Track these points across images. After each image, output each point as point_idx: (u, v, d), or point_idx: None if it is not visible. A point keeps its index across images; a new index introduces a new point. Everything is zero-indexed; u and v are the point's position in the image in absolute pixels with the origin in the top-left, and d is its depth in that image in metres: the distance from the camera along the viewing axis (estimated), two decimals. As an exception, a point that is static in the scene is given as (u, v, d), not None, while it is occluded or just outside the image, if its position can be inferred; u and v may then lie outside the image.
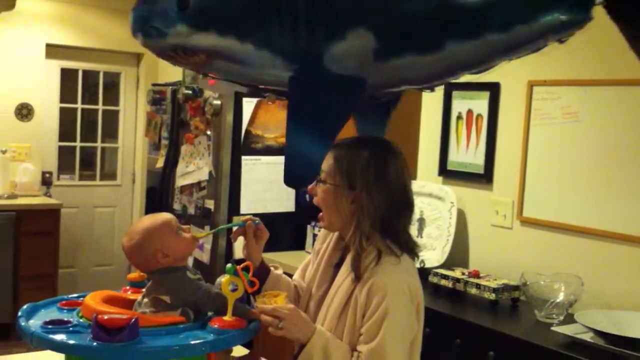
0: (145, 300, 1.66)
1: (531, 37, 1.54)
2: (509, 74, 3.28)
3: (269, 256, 3.71)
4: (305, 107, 1.61)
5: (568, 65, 3.06)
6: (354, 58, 1.55)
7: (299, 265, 3.51)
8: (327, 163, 1.76)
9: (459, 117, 3.52)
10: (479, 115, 3.42)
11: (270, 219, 2.27)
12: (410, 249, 1.77)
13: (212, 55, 1.61)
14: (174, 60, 1.68)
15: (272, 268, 1.95)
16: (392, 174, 1.74)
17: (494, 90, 3.34)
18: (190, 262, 2.37)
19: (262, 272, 1.90)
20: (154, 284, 1.67)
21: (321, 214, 1.82)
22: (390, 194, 1.72)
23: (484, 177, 3.37)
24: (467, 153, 3.47)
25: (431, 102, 3.71)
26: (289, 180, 1.71)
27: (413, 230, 3.52)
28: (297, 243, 3.89)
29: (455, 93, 3.53)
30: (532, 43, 1.57)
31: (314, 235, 3.81)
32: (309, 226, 3.88)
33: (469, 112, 3.47)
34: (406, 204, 1.78)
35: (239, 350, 1.86)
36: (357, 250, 1.72)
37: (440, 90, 3.60)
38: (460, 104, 3.51)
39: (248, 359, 1.84)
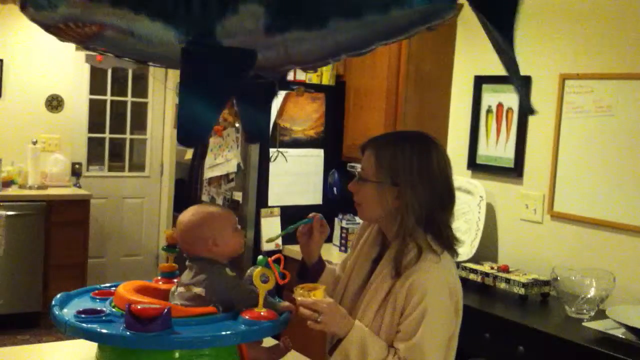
0: (180, 289, 1.67)
1: (406, 22, 1.59)
2: (541, 67, 3.25)
3: (296, 248, 3.73)
4: (196, 77, 1.62)
5: (601, 58, 3.01)
6: (246, 31, 1.58)
7: (327, 258, 3.52)
8: (368, 160, 1.74)
9: (489, 111, 3.49)
10: (510, 109, 3.38)
11: (297, 212, 2.27)
12: (451, 245, 1.75)
13: (105, 27, 1.61)
14: (63, 33, 1.66)
15: (326, 263, 1.98)
16: (435, 168, 1.72)
17: (524, 83, 3.30)
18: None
19: (320, 267, 1.93)
20: (192, 273, 1.68)
21: (359, 206, 1.79)
22: (434, 188, 1.70)
23: (514, 171, 3.34)
24: (496, 147, 3.44)
25: (460, 95, 3.68)
26: (182, 139, 1.73)
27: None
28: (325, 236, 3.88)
29: (485, 86, 3.51)
30: (407, 28, 1.62)
31: (342, 228, 3.80)
32: (336, 219, 3.88)
33: (499, 105, 3.43)
34: (449, 197, 1.75)
35: (268, 341, 1.87)
36: (400, 246, 1.70)
37: (469, 84, 3.58)
38: (491, 98, 3.48)
39: (277, 349, 1.85)
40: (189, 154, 4.23)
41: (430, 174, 1.70)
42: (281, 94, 3.82)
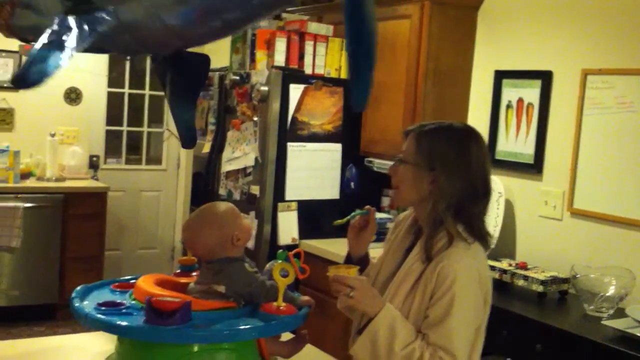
0: (199, 287, 1.67)
1: (252, 9, 1.55)
2: (562, 62, 3.21)
3: (313, 243, 3.73)
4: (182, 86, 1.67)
5: (623, 53, 2.98)
6: None
7: (343, 253, 3.51)
8: (409, 143, 1.79)
9: (509, 106, 3.46)
10: (530, 104, 3.35)
11: (314, 206, 2.26)
12: (483, 237, 1.77)
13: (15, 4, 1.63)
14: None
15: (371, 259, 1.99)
16: (474, 159, 1.75)
17: (545, 78, 3.27)
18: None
19: (365, 262, 1.95)
20: (211, 273, 1.67)
21: (392, 191, 1.84)
22: (469, 178, 1.73)
23: (534, 167, 3.31)
24: (516, 142, 3.41)
25: (480, 90, 3.66)
26: (189, 145, 1.80)
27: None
28: (341, 230, 3.86)
29: (505, 81, 3.48)
30: (254, 15, 1.61)
31: (358, 223, 3.78)
32: (352, 214, 3.86)
33: (520, 100, 3.40)
34: (484, 191, 1.77)
35: (285, 335, 1.87)
36: (431, 231, 1.73)
37: (489, 78, 3.56)
38: (511, 93, 3.45)
39: (295, 343, 1.84)
40: (207, 147, 4.23)
41: (467, 164, 1.73)
42: (299, 88, 3.81)
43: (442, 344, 1.65)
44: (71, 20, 1.56)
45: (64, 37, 1.54)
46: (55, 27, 1.54)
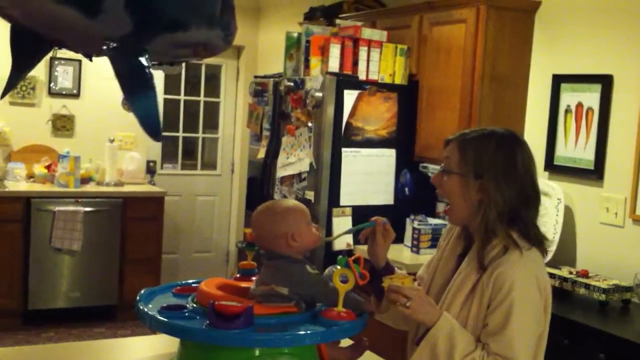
0: (262, 287, 1.68)
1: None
2: (624, 66, 3.14)
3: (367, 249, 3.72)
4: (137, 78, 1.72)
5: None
6: None
7: (398, 259, 3.48)
8: (453, 153, 1.76)
9: (568, 111, 3.40)
10: (590, 109, 3.28)
11: (369, 212, 2.26)
12: (540, 242, 1.73)
13: None
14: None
15: (396, 269, 1.94)
16: (520, 164, 1.72)
17: (606, 82, 3.20)
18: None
19: (387, 272, 1.89)
20: (273, 273, 1.69)
21: (447, 207, 1.81)
22: (518, 184, 1.70)
23: (594, 173, 3.24)
24: (575, 148, 3.35)
25: (538, 94, 3.60)
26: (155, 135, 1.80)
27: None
28: (396, 236, 3.85)
29: (564, 86, 3.42)
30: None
31: (413, 229, 3.77)
32: (407, 219, 3.85)
33: (579, 105, 3.34)
34: (534, 195, 1.74)
35: (345, 340, 1.87)
36: (483, 240, 1.70)
37: (547, 83, 3.50)
38: (570, 97, 3.39)
39: (355, 349, 1.84)
40: (262, 152, 4.27)
41: (514, 170, 1.71)
42: (353, 93, 3.81)
43: (503, 353, 1.61)
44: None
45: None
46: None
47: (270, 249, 1.73)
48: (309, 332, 1.58)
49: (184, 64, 2.19)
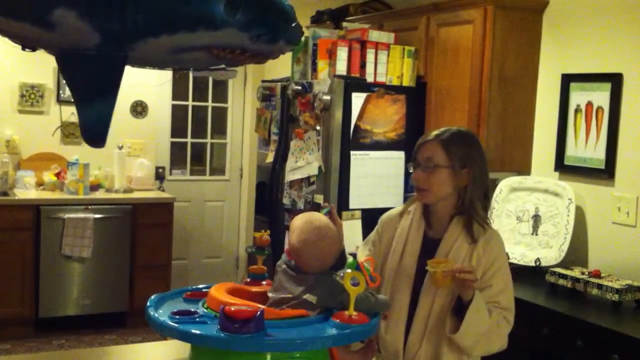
0: (286, 296, 1.68)
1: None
2: (633, 64, 3.12)
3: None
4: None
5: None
6: None
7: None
8: (435, 151, 2.08)
9: (578, 110, 3.38)
10: (600, 108, 3.26)
11: (378, 215, 2.28)
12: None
13: None
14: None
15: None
16: (484, 154, 2.14)
17: (615, 81, 3.18)
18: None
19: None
20: (305, 286, 1.68)
21: (424, 191, 2.09)
22: (486, 169, 2.12)
23: (605, 172, 3.21)
24: (586, 147, 3.32)
25: (547, 94, 3.58)
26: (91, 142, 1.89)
27: (527, 227, 3.41)
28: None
29: (573, 85, 3.40)
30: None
31: (423, 231, 3.76)
32: (417, 222, 3.83)
33: (589, 104, 3.32)
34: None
35: (355, 343, 1.86)
36: (467, 218, 2.06)
37: (556, 82, 3.48)
38: (579, 96, 3.37)
39: (366, 352, 1.84)
40: (270, 157, 4.27)
41: (484, 159, 2.12)
42: (361, 96, 3.81)
43: (509, 305, 2.03)
44: None
45: None
46: None
47: (320, 268, 1.73)
48: (320, 335, 1.57)
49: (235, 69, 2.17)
